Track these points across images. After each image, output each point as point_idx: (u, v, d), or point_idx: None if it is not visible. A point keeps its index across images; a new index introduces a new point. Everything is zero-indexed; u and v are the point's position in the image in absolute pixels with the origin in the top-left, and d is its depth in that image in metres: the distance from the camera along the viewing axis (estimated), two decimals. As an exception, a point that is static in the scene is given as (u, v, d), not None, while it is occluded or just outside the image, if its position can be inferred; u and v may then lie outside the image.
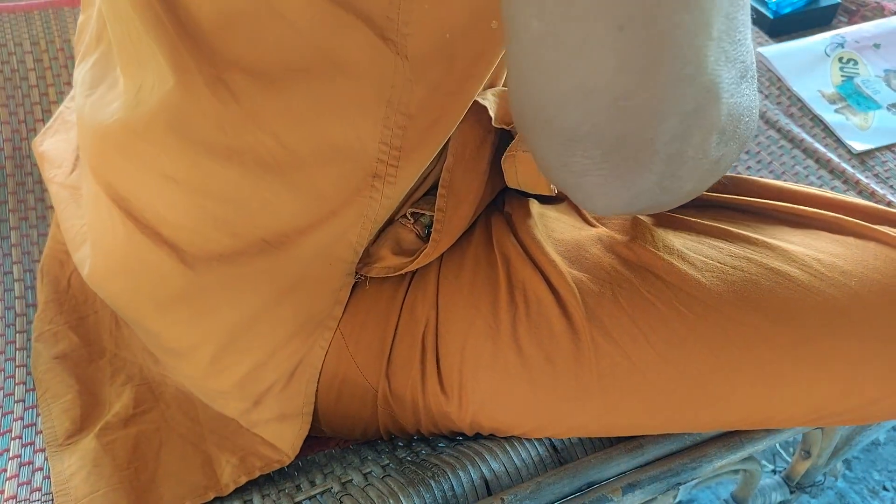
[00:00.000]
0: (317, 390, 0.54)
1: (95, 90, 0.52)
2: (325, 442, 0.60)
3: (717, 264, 0.46)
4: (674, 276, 0.46)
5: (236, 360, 0.51)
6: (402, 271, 0.52)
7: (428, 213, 0.53)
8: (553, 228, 0.53)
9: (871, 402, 0.46)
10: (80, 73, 0.55)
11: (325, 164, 0.45)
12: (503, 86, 0.53)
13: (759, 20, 0.90)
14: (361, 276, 0.53)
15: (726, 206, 0.51)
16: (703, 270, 0.46)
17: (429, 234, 0.53)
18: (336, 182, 0.46)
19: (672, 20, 0.30)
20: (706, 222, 0.49)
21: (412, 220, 0.53)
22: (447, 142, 0.49)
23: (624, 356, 0.46)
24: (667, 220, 0.51)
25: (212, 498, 0.53)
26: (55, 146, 0.67)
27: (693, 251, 0.47)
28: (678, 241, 0.48)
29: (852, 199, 0.50)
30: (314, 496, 0.53)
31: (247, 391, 0.53)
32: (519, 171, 0.51)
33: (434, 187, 0.52)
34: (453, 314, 0.50)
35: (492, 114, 0.50)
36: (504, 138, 0.53)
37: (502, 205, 0.56)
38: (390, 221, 0.54)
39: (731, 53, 0.33)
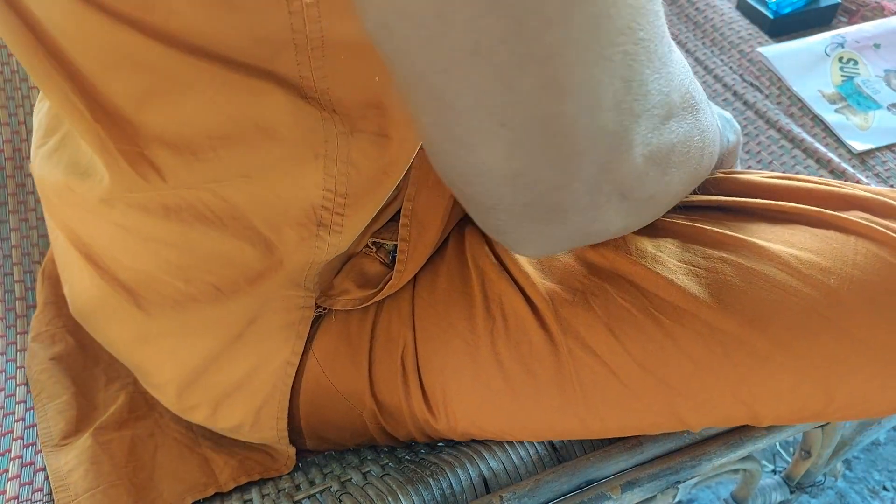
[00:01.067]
0: (300, 418, 0.54)
1: (48, 140, 0.51)
2: (325, 442, 0.60)
3: (691, 266, 0.45)
4: (647, 280, 0.45)
5: (199, 400, 0.52)
6: (368, 303, 0.51)
7: (390, 241, 0.52)
8: None
9: (856, 402, 0.45)
10: (38, 115, 0.53)
11: (267, 215, 0.44)
12: None
13: (759, 20, 0.90)
14: (326, 308, 0.52)
15: (701, 205, 0.50)
16: (677, 273, 0.45)
17: (393, 258, 0.52)
18: (279, 232, 0.45)
19: (551, 111, 0.30)
20: (680, 222, 0.48)
21: (374, 249, 0.52)
22: (408, 170, 0.47)
23: (602, 365, 0.46)
24: None
25: (212, 494, 0.53)
26: None
27: (666, 253, 0.46)
28: (650, 243, 0.47)
29: (834, 188, 0.48)
30: (314, 495, 0.53)
31: (219, 426, 0.54)
32: None
33: (397, 215, 0.51)
34: (430, 333, 0.50)
35: None
36: None
37: None
38: (353, 254, 0.53)
39: (641, 106, 0.32)
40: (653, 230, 0.48)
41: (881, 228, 0.45)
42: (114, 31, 0.36)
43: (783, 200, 0.48)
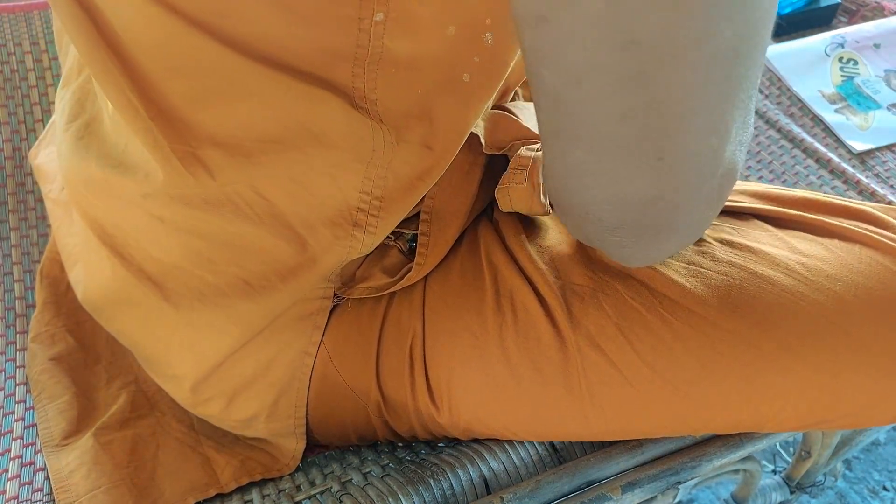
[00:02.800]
0: (307, 409, 0.54)
1: (72, 124, 0.51)
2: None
3: (700, 269, 0.45)
4: (657, 281, 0.45)
5: (215, 393, 0.52)
6: (384, 292, 0.52)
7: (411, 231, 0.52)
8: (540, 235, 0.52)
9: (861, 410, 0.45)
10: (63, 97, 0.54)
11: (303, 213, 0.45)
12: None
13: (758, 20, 0.90)
14: (344, 298, 0.52)
15: None
16: (686, 276, 0.45)
17: (411, 248, 0.52)
18: (314, 230, 0.46)
19: (702, 145, 0.34)
20: None
21: (394, 238, 0.53)
22: None
23: (610, 364, 0.46)
24: None
25: (213, 494, 0.53)
26: (48, 159, 0.67)
27: (674, 257, 0.46)
28: None
29: (836, 200, 0.49)
30: (314, 496, 0.53)
31: (233, 419, 0.54)
32: (513, 200, 0.50)
33: (418, 206, 0.52)
34: (440, 325, 0.50)
35: (482, 140, 0.50)
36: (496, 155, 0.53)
37: (491, 210, 0.56)
38: None
39: (745, 139, 0.37)
40: None
41: (884, 238, 0.45)
42: (185, 35, 0.38)
43: (786, 209, 0.49)
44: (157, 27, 0.38)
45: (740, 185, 0.52)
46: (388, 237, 0.53)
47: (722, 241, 0.47)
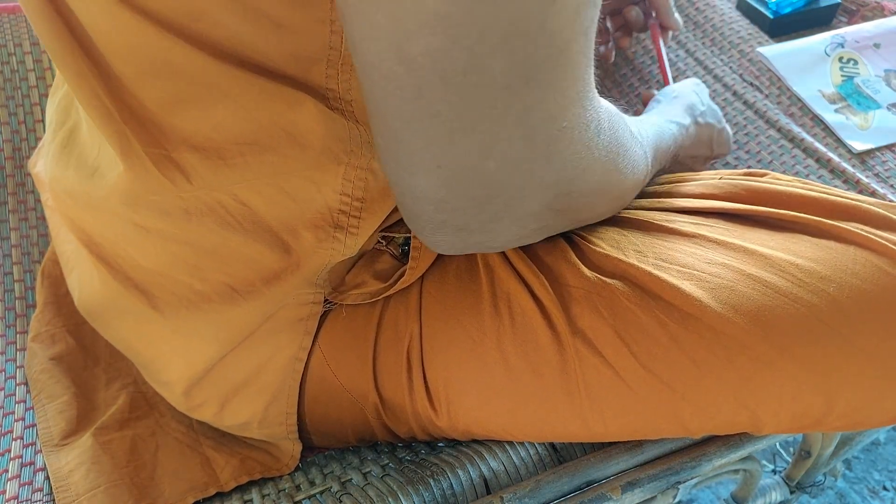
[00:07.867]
0: (303, 412, 0.54)
1: (58, 133, 0.51)
2: (325, 442, 0.60)
3: (694, 272, 0.45)
4: (652, 284, 0.45)
5: (207, 398, 0.52)
6: (379, 297, 0.52)
7: (401, 234, 0.52)
8: None
9: (856, 411, 0.45)
10: (51, 108, 0.54)
11: (284, 218, 0.45)
12: None
13: (758, 20, 0.90)
14: (336, 303, 0.52)
15: (703, 211, 0.50)
16: (681, 278, 0.45)
17: (402, 252, 0.52)
18: (296, 234, 0.46)
19: (477, 164, 0.37)
20: (683, 228, 0.48)
21: (385, 243, 0.53)
22: None
23: (608, 367, 0.46)
24: (641, 225, 0.50)
25: (213, 493, 0.53)
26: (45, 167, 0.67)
27: (668, 261, 0.46)
28: (653, 249, 0.47)
29: (837, 197, 0.49)
30: (314, 496, 0.53)
31: (226, 423, 0.54)
32: None
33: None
34: (437, 329, 0.50)
35: None
36: None
37: None
38: (365, 251, 0.53)
39: (552, 175, 0.39)
40: (656, 235, 0.49)
41: (879, 239, 0.45)
42: (157, 38, 0.38)
43: (786, 208, 0.48)
44: (128, 31, 0.38)
45: (739, 180, 0.52)
46: (379, 242, 0.52)
47: (717, 243, 0.47)
